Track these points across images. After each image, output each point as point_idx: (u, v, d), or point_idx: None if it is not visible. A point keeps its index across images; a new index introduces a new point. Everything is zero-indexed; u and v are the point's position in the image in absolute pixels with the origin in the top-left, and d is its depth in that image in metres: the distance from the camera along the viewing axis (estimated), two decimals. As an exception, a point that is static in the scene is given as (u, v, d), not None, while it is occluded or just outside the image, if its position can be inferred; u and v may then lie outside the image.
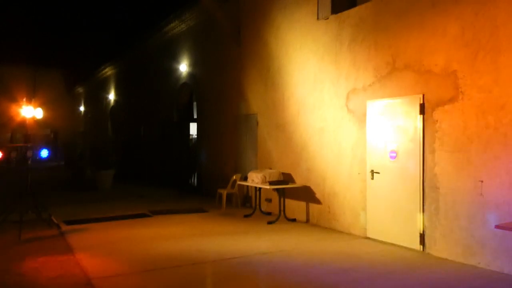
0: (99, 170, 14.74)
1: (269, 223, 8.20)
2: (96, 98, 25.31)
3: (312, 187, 8.19)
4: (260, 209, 9.25)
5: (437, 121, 5.88)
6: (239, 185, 9.98)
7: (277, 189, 8.39)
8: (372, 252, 6.15)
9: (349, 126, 7.41)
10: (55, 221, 8.31)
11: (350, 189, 7.36)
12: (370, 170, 6.92)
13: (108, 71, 22.50)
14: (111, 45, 22.93)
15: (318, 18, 8.12)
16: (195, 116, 13.90)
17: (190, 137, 14.54)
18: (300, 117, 8.60)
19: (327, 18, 7.89)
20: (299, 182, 8.53)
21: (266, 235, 7.27)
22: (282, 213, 8.40)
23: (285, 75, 9.04)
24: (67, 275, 5.27)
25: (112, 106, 22.24)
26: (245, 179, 9.18)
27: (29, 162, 8.32)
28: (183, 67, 13.64)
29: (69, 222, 8.37)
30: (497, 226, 4.36)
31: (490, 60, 5.26)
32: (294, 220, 8.48)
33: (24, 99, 9.54)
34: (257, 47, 9.98)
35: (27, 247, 6.65)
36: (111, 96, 22.28)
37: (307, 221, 8.33)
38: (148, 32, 15.94)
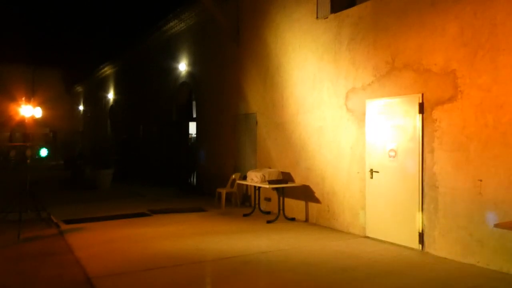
0: (98, 170, 14.74)
1: (268, 222, 8.20)
2: (95, 98, 25.29)
3: (311, 186, 8.20)
4: (260, 208, 9.26)
5: (436, 120, 5.89)
6: (238, 184, 9.98)
7: (276, 188, 8.39)
8: (371, 251, 6.16)
9: (348, 125, 7.41)
10: (54, 220, 8.31)
11: (349, 188, 7.36)
12: (369, 169, 6.92)
13: (107, 70, 22.48)
14: (110, 44, 22.91)
15: (317, 17, 8.12)
16: (194, 116, 13.90)
17: (189, 136, 14.54)
18: (299, 117, 8.60)
19: (327, 18, 7.89)
20: (298, 181, 8.53)
21: (265, 234, 7.27)
22: (281, 212, 8.40)
23: (284, 75, 9.04)
24: (66, 274, 5.27)
25: (111, 106, 22.24)
26: (244, 178, 9.19)
27: (28, 161, 8.32)
28: (182, 66, 13.64)
29: (68, 221, 8.36)
30: (496, 225, 4.37)
31: (489, 59, 5.26)
32: (293, 219, 8.48)
33: (23, 98, 9.53)
34: (256, 46, 9.97)
35: (26, 246, 6.64)
36: (110, 96, 22.27)
37: (306, 220, 8.33)
38: (147, 32, 15.93)
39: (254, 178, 8.56)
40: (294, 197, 8.56)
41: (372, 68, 6.92)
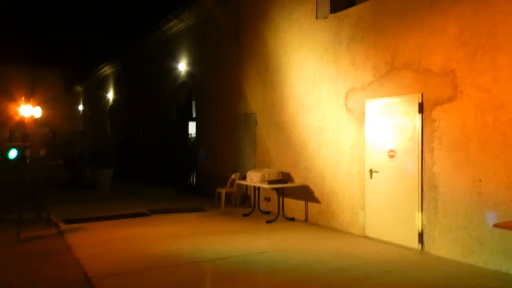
0: (98, 169, 14.74)
1: (268, 222, 8.20)
2: (95, 97, 25.29)
3: (311, 186, 8.20)
4: (259, 208, 9.26)
5: (435, 120, 5.89)
6: (238, 184, 9.98)
7: (276, 188, 8.39)
8: (371, 251, 6.16)
9: (348, 125, 7.42)
10: (54, 220, 8.30)
11: (349, 188, 7.36)
12: (369, 169, 6.92)
13: (107, 70, 22.48)
14: (110, 44, 22.90)
15: (317, 17, 8.12)
16: (194, 115, 13.89)
17: (189, 136, 14.54)
18: (299, 116, 8.60)
19: (326, 17, 7.89)
20: (298, 181, 8.53)
21: (265, 234, 7.27)
22: (281, 212, 8.41)
23: (284, 74, 9.04)
24: (66, 274, 5.27)
25: (111, 105, 22.23)
26: (244, 178, 9.19)
27: (28, 161, 8.32)
28: (182, 66, 13.64)
29: (68, 221, 8.36)
30: (495, 225, 4.37)
31: (489, 59, 5.26)
32: (293, 219, 8.48)
33: (23, 98, 9.53)
34: (256, 46, 9.97)
35: (26, 246, 6.64)
36: (110, 95, 22.27)
37: (306, 220, 8.33)
38: (147, 31, 15.93)
39: (253, 178, 8.56)
40: (294, 197, 8.56)
41: (372, 68, 6.92)
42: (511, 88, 5.05)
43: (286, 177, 8.69)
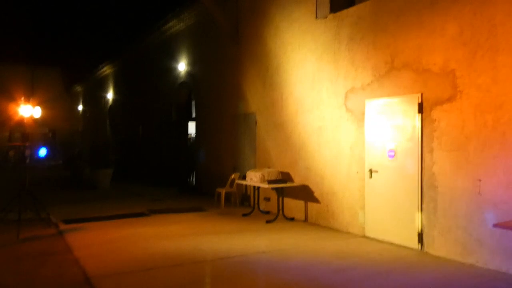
0: (97, 169, 14.73)
1: (268, 222, 8.20)
2: (94, 97, 25.28)
3: (311, 186, 8.20)
4: (259, 208, 9.26)
5: (435, 120, 5.89)
6: (238, 184, 9.99)
7: (275, 188, 8.40)
8: (370, 251, 6.16)
9: (348, 125, 7.42)
10: (53, 220, 8.30)
11: (348, 188, 7.36)
12: (368, 169, 6.92)
13: (107, 70, 22.47)
14: (109, 44, 22.91)
15: (316, 17, 8.12)
16: (193, 115, 13.90)
17: (189, 136, 14.55)
18: (298, 116, 8.60)
19: (326, 17, 7.89)
20: (297, 181, 8.53)
21: (264, 234, 7.27)
22: (280, 212, 8.41)
23: (283, 74, 9.04)
24: (65, 274, 5.26)
25: (111, 105, 22.23)
26: (244, 178, 9.19)
27: (28, 161, 8.31)
28: (182, 66, 13.63)
29: (67, 221, 8.36)
30: (495, 225, 4.37)
31: (489, 59, 5.27)
32: (292, 219, 8.48)
33: (22, 98, 9.52)
34: (255, 46, 9.97)
35: (25, 246, 6.63)
36: (110, 95, 22.26)
37: (306, 220, 8.33)
38: (147, 31, 15.93)
39: (253, 178, 8.56)
40: (294, 197, 8.57)
41: (372, 68, 6.93)
42: (510, 88, 5.06)
43: (285, 177, 8.69)
